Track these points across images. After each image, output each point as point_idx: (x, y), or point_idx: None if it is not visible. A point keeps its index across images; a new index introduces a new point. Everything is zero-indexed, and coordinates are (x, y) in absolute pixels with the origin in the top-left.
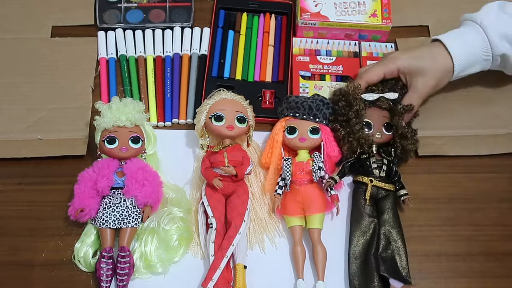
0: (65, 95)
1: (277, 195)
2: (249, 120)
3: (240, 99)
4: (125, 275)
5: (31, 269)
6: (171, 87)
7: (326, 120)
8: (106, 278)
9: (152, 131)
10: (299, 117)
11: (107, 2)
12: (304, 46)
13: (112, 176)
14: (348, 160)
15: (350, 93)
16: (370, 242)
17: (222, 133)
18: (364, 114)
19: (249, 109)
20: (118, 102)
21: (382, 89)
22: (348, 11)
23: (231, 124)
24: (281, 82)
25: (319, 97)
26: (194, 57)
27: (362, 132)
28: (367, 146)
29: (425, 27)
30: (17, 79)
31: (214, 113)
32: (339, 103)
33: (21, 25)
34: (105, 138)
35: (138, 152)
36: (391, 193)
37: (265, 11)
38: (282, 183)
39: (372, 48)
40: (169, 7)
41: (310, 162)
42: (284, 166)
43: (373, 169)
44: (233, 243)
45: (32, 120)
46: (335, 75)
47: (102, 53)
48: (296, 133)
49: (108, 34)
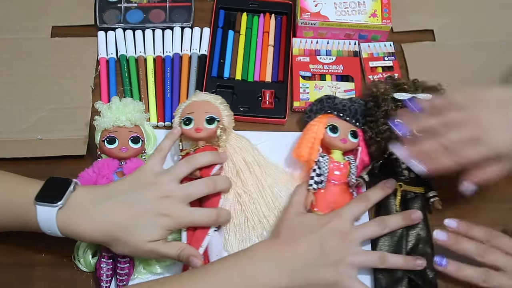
0: (65, 95)
1: (312, 189)
2: (221, 120)
3: (213, 99)
4: (125, 275)
5: (31, 269)
6: (171, 87)
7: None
8: (106, 278)
9: (152, 131)
10: (342, 117)
11: (107, 2)
12: (304, 46)
13: (112, 176)
14: (378, 160)
15: (379, 94)
16: (398, 243)
17: (191, 136)
18: (393, 115)
19: (224, 108)
20: (118, 102)
21: (415, 89)
22: (348, 11)
23: (199, 126)
24: (281, 82)
25: (363, 102)
26: (194, 57)
27: (391, 133)
28: None
29: (430, 31)
30: (17, 79)
31: (183, 117)
32: (368, 104)
33: (21, 25)
34: (105, 138)
35: (138, 152)
36: (419, 195)
37: (265, 11)
38: (318, 179)
39: (371, 49)
40: (169, 7)
41: (347, 165)
42: (321, 163)
43: (403, 170)
44: (202, 245)
45: (32, 120)
46: (336, 74)
47: (102, 53)
48: (338, 133)
49: (108, 34)
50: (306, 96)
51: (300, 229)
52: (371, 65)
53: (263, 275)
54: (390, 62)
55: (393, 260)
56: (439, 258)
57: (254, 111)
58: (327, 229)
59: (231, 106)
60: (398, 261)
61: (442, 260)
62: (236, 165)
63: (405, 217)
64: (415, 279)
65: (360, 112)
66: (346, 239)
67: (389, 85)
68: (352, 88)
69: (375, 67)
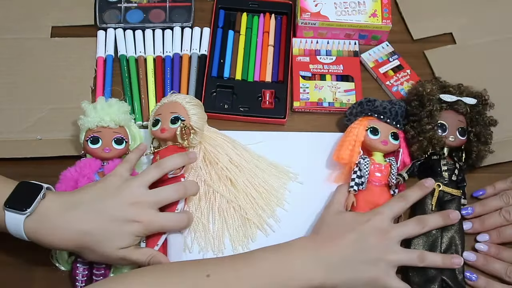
0: (65, 95)
1: (352, 191)
2: (186, 119)
3: (180, 99)
4: (101, 275)
5: (31, 269)
6: (171, 87)
7: (402, 127)
8: (81, 278)
9: (139, 132)
10: (383, 119)
11: (107, 2)
12: (304, 46)
13: (93, 176)
14: (419, 159)
15: (424, 94)
16: (433, 243)
17: (157, 136)
18: (438, 115)
19: (192, 107)
20: (103, 103)
21: (460, 93)
22: (348, 11)
23: (164, 126)
24: (281, 82)
25: (403, 104)
26: (194, 57)
27: (434, 132)
28: (439, 148)
29: (449, 35)
30: (17, 79)
31: (152, 119)
32: (412, 103)
33: (21, 25)
34: (89, 138)
35: (121, 153)
36: (456, 198)
37: (265, 11)
38: (359, 181)
39: (373, 56)
40: (169, 7)
41: (388, 166)
42: (362, 165)
43: (443, 171)
44: (158, 243)
45: (32, 120)
46: (336, 74)
47: (100, 52)
48: (379, 135)
49: (107, 34)
50: (306, 96)
51: (339, 226)
52: (382, 71)
53: (297, 269)
54: (396, 61)
55: (431, 259)
56: (469, 272)
57: (254, 111)
58: (367, 227)
59: (231, 106)
60: (436, 259)
61: (472, 275)
62: (220, 162)
63: (444, 216)
64: (448, 280)
65: (401, 113)
66: (385, 237)
67: (436, 86)
68: (352, 88)
69: (386, 72)
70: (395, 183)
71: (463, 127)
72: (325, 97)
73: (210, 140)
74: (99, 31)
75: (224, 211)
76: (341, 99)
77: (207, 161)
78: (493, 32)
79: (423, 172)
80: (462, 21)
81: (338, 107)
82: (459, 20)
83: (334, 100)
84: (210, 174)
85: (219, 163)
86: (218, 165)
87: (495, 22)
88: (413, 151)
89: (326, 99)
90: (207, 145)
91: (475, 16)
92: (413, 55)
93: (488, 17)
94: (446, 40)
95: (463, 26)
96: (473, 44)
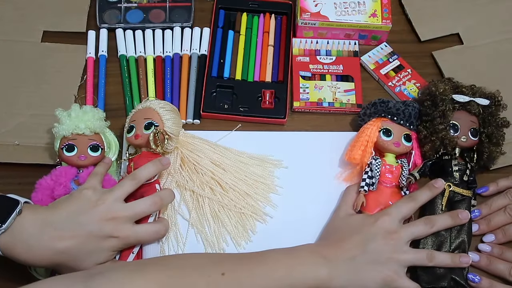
0: (47, 102)
1: (363, 191)
2: (160, 124)
3: (154, 104)
4: None
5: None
6: (171, 87)
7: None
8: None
9: (114, 138)
10: (396, 121)
11: (107, 2)
12: (304, 46)
13: (69, 184)
14: (431, 159)
15: (437, 94)
16: (442, 244)
17: (131, 143)
18: (450, 116)
19: (165, 113)
20: (77, 110)
21: (473, 94)
22: (348, 11)
23: (138, 132)
24: (281, 82)
25: (417, 106)
26: (194, 57)
27: (447, 132)
28: (451, 148)
29: (455, 35)
30: (1, 82)
31: (128, 126)
32: (425, 103)
33: (13, 28)
34: (64, 146)
35: (97, 160)
36: (467, 198)
37: (265, 11)
38: (370, 181)
39: (373, 58)
40: (169, 7)
41: (399, 168)
42: (374, 166)
43: (454, 171)
44: (133, 251)
45: (12, 124)
46: (335, 74)
47: (91, 53)
48: (392, 137)
49: (100, 32)
50: (306, 96)
51: (348, 229)
52: (383, 73)
53: (307, 272)
54: (396, 61)
55: (440, 258)
56: (473, 274)
57: (254, 111)
58: (374, 228)
59: (231, 106)
60: (445, 259)
61: (475, 277)
62: (202, 166)
63: (453, 216)
64: (458, 278)
65: (414, 115)
66: (394, 237)
67: (448, 86)
68: (352, 88)
69: (387, 72)
70: (406, 184)
71: (475, 128)
72: (325, 97)
73: (187, 145)
74: (90, 31)
75: (217, 212)
76: (341, 99)
77: (186, 166)
78: (499, 31)
79: (435, 172)
80: (468, 21)
81: (338, 107)
82: (466, 21)
83: (334, 100)
84: (192, 180)
85: (201, 168)
86: (200, 170)
87: (502, 21)
88: (425, 151)
89: (326, 99)
90: (185, 150)
91: (481, 16)
92: (414, 54)
93: (494, 16)
94: (452, 40)
95: (469, 26)
96: (480, 44)
